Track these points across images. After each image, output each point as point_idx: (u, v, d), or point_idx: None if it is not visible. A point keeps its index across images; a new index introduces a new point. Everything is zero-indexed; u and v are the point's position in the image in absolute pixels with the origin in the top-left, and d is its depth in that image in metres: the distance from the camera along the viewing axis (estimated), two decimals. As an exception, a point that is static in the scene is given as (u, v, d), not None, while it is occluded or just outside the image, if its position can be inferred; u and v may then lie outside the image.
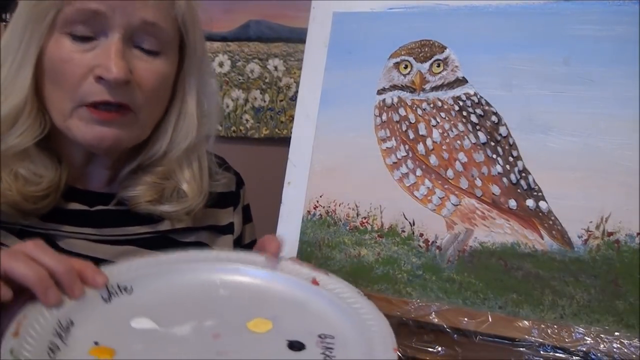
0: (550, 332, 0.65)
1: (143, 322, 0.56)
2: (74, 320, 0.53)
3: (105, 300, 0.56)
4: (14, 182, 0.69)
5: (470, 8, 0.77)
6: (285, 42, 1.63)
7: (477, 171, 0.73)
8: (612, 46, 0.69)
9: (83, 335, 0.52)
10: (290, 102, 1.63)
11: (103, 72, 0.67)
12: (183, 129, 0.78)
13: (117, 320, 0.55)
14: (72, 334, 0.52)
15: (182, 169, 0.78)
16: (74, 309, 0.53)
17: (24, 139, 0.69)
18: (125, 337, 0.53)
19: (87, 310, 0.54)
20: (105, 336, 0.52)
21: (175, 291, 0.60)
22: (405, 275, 0.74)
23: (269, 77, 1.65)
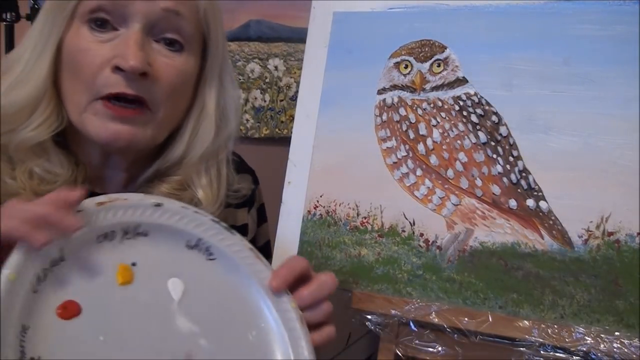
0: (551, 332, 0.65)
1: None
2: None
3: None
4: (28, 180, 0.68)
5: (470, 8, 0.77)
6: (286, 42, 1.63)
7: (477, 171, 0.73)
8: (612, 46, 0.69)
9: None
10: (291, 101, 1.63)
11: (120, 62, 0.66)
12: (202, 133, 0.76)
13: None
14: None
15: (199, 175, 0.76)
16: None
17: (41, 132, 0.68)
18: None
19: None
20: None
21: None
22: (406, 275, 0.74)
23: (269, 77, 1.66)
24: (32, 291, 0.52)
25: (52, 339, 0.52)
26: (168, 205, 0.63)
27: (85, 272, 0.57)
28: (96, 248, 0.58)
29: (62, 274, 0.55)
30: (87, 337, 0.54)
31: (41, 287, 0.53)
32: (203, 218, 0.64)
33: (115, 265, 0.59)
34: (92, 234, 0.58)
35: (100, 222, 0.59)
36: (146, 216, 0.61)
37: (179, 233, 0.62)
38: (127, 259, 0.60)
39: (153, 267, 0.61)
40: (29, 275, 0.53)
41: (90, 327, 0.54)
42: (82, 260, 0.57)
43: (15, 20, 1.58)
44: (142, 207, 0.61)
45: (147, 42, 0.68)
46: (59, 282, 0.55)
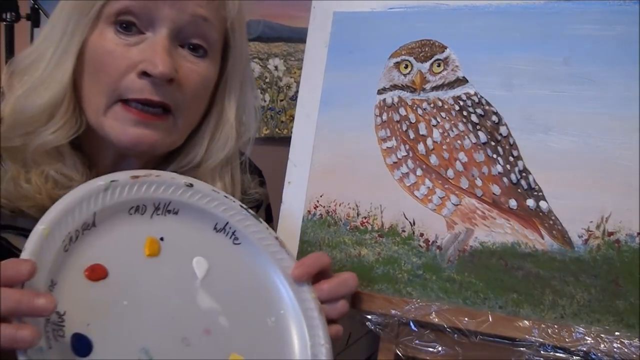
0: (551, 331, 0.65)
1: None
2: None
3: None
4: (44, 184, 0.67)
5: (470, 8, 0.77)
6: (286, 41, 1.63)
7: (477, 171, 0.73)
8: (612, 46, 0.69)
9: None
10: (291, 101, 1.64)
11: (148, 67, 0.65)
12: (221, 139, 0.76)
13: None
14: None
15: (214, 181, 0.76)
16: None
17: (59, 136, 0.67)
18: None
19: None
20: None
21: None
22: (406, 275, 0.74)
23: (269, 77, 1.66)
24: (63, 249, 0.56)
25: (77, 297, 0.55)
26: (199, 186, 0.65)
27: (114, 239, 0.60)
28: (127, 219, 0.62)
29: (93, 238, 0.58)
30: (111, 299, 0.57)
31: (72, 247, 0.56)
32: (232, 203, 0.67)
33: (143, 237, 0.62)
34: (125, 205, 0.61)
35: (133, 194, 0.62)
36: (177, 195, 0.64)
37: (207, 215, 0.65)
38: (155, 233, 0.62)
39: (180, 244, 0.63)
40: (62, 234, 0.56)
41: (114, 290, 0.57)
42: (113, 228, 0.60)
43: (15, 20, 1.58)
44: (175, 186, 0.64)
45: (173, 48, 0.67)
46: (89, 246, 0.58)
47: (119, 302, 0.57)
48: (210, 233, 0.65)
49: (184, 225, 0.64)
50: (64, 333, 0.52)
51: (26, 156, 0.68)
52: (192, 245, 0.64)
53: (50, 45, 0.68)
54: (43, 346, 0.49)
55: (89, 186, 0.60)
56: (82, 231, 0.58)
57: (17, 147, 0.67)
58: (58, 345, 0.51)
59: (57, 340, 0.51)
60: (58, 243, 0.55)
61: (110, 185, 0.61)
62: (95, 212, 0.59)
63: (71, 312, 0.53)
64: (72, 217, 0.57)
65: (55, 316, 0.52)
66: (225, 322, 0.61)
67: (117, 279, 0.58)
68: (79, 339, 0.53)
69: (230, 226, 0.66)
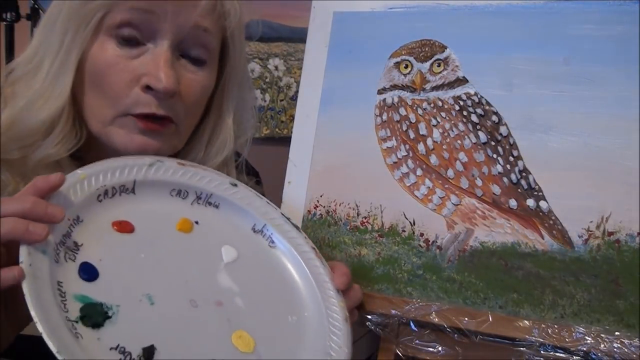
0: (551, 331, 0.65)
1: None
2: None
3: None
4: None
5: (470, 8, 0.77)
6: (286, 41, 1.63)
7: (477, 171, 0.73)
8: (612, 46, 0.69)
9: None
10: (291, 101, 1.64)
11: (152, 81, 0.64)
12: (218, 143, 0.76)
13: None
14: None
15: None
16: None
17: (60, 149, 0.67)
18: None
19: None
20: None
21: None
22: (406, 275, 0.74)
23: (269, 77, 1.66)
24: (96, 198, 0.59)
25: (98, 237, 0.58)
26: (242, 188, 0.68)
27: (149, 209, 0.63)
28: (167, 198, 0.65)
29: (129, 202, 0.62)
30: (129, 248, 0.59)
31: (106, 201, 0.60)
32: (273, 210, 0.69)
33: (179, 216, 0.64)
34: (167, 186, 0.65)
35: (177, 177, 0.65)
36: (221, 190, 0.67)
37: (247, 215, 0.67)
38: (191, 217, 0.65)
39: (214, 232, 0.65)
40: (97, 184, 0.60)
41: (135, 243, 0.59)
42: (151, 200, 0.63)
43: (15, 20, 1.58)
44: (219, 181, 0.67)
45: (174, 59, 0.67)
46: (123, 205, 0.61)
47: (136, 253, 0.59)
48: (248, 232, 0.67)
49: (222, 219, 0.66)
50: (74, 259, 0.55)
51: (25, 168, 0.67)
52: (226, 236, 0.65)
53: (47, 55, 0.67)
54: (49, 253, 0.52)
55: (134, 158, 0.64)
56: (120, 192, 0.62)
57: (16, 159, 0.67)
58: (65, 265, 0.54)
59: (66, 261, 0.54)
60: (92, 190, 0.59)
61: (155, 163, 0.65)
62: (136, 181, 0.63)
63: (88, 245, 0.56)
64: (112, 175, 0.61)
65: (71, 243, 0.56)
66: (240, 303, 0.61)
67: (141, 237, 0.60)
68: (88, 266, 0.55)
69: (269, 229, 0.67)
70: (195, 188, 0.66)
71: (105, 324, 0.52)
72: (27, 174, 0.67)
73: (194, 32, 0.67)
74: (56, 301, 0.50)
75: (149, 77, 0.65)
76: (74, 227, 0.57)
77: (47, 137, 0.66)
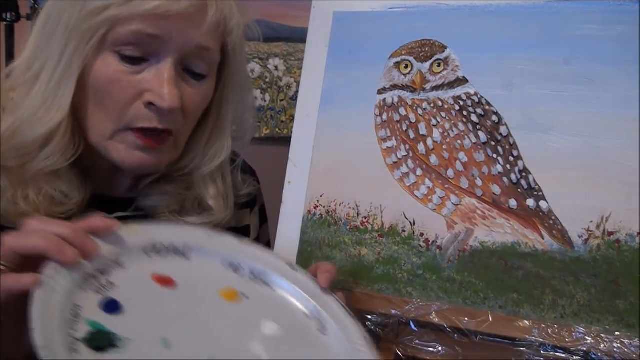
0: (551, 331, 0.65)
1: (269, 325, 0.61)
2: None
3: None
4: (42, 202, 0.66)
5: (470, 7, 0.77)
6: (286, 41, 1.63)
7: (477, 171, 0.73)
8: (612, 46, 0.69)
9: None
10: (291, 101, 1.63)
11: (156, 99, 0.64)
12: (216, 146, 0.76)
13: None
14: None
15: (207, 186, 0.76)
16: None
17: (57, 160, 0.66)
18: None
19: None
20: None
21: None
22: (406, 275, 0.74)
23: (269, 77, 1.66)
24: (143, 250, 0.60)
25: (135, 283, 0.57)
26: (300, 272, 0.67)
27: (198, 272, 0.62)
28: (218, 267, 0.64)
29: (176, 262, 0.62)
30: (162, 298, 0.58)
31: (154, 256, 0.60)
32: (330, 300, 0.66)
33: (225, 284, 0.62)
34: (220, 257, 0.64)
35: (232, 253, 0.65)
36: (278, 272, 0.66)
37: (303, 300, 0.65)
38: (241, 289, 0.63)
39: (262, 308, 0.62)
40: (147, 239, 0.61)
41: (170, 295, 0.58)
42: (200, 265, 0.63)
43: (15, 20, 1.58)
44: (277, 263, 0.67)
45: (177, 74, 0.67)
46: (169, 263, 0.61)
47: (168, 303, 0.58)
48: (299, 316, 0.64)
49: (275, 300, 0.64)
50: (102, 292, 0.54)
51: (23, 176, 0.67)
52: (274, 315, 0.62)
53: (46, 65, 0.66)
54: (76, 279, 0.52)
55: (194, 227, 0.66)
56: (170, 252, 0.62)
57: (14, 167, 0.67)
58: (90, 294, 0.53)
59: (93, 291, 0.54)
60: (142, 242, 0.60)
61: (214, 236, 0.66)
62: (188, 244, 0.63)
63: (121, 286, 0.56)
64: (164, 233, 0.62)
65: (105, 280, 0.55)
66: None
67: (180, 293, 0.59)
68: (113, 302, 0.54)
69: (322, 315, 0.64)
70: (251, 266, 0.65)
71: (108, 351, 0.50)
72: (26, 181, 0.67)
73: (196, 51, 0.67)
74: (63, 317, 0.49)
75: (153, 95, 0.65)
76: (112, 269, 0.57)
77: (45, 147, 0.66)
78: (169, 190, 0.75)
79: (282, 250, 0.81)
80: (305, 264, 0.78)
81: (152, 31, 0.64)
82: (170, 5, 0.63)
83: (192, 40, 0.66)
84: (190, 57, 0.68)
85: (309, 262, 0.78)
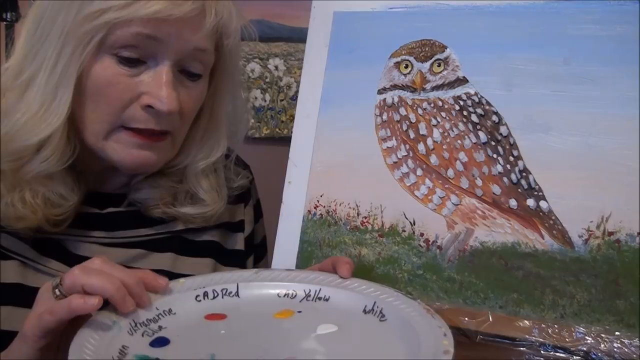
0: (551, 331, 0.65)
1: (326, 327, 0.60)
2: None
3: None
4: (38, 204, 0.66)
5: (471, 7, 0.77)
6: (286, 41, 1.63)
7: (477, 171, 0.73)
8: (612, 46, 0.69)
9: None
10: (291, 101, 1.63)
11: (154, 102, 0.65)
12: (211, 143, 0.76)
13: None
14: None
15: (199, 180, 0.77)
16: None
17: (54, 164, 0.66)
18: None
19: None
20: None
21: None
22: (406, 274, 0.74)
23: (269, 77, 1.65)
24: (194, 298, 0.62)
25: (186, 325, 0.58)
26: (353, 280, 0.66)
27: (250, 306, 0.63)
28: (274, 299, 0.64)
29: (229, 302, 0.63)
30: (211, 327, 0.59)
31: (205, 301, 0.62)
32: (387, 290, 0.64)
33: (281, 308, 0.63)
34: (273, 289, 0.65)
35: (280, 278, 0.66)
36: (331, 284, 0.66)
37: (359, 299, 0.64)
38: (296, 309, 0.63)
39: (316, 316, 0.62)
40: (197, 287, 0.63)
41: (220, 325, 0.59)
42: (254, 301, 0.64)
43: (15, 20, 1.58)
44: (328, 277, 0.66)
45: (174, 77, 0.67)
46: (222, 304, 0.62)
47: (217, 329, 0.58)
48: (358, 314, 0.63)
49: (331, 308, 0.64)
50: (152, 335, 0.56)
51: (19, 179, 0.67)
52: (330, 319, 0.61)
53: (41, 68, 0.65)
54: (124, 326, 0.54)
55: (236, 270, 0.68)
56: (222, 295, 0.63)
57: (7, 171, 0.66)
58: (138, 337, 0.55)
59: (142, 336, 0.55)
60: (190, 290, 0.62)
61: (260, 271, 0.67)
62: (239, 284, 0.64)
63: (171, 328, 0.58)
64: (212, 280, 0.64)
65: (156, 327, 0.57)
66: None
67: (231, 320, 0.60)
68: (161, 338, 0.56)
69: (379, 305, 0.63)
70: (303, 287, 0.66)
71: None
72: (21, 184, 0.66)
73: (193, 52, 0.68)
74: (110, 353, 0.51)
75: (151, 98, 0.65)
76: (163, 317, 0.59)
77: (40, 152, 0.65)
78: (161, 183, 0.75)
79: (282, 250, 0.81)
80: (305, 264, 0.78)
81: (151, 33, 0.63)
82: (171, 9, 0.63)
83: (190, 43, 0.66)
84: (186, 58, 0.68)
85: (309, 262, 0.78)
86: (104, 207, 0.74)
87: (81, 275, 0.53)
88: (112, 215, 0.74)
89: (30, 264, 0.67)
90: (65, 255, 0.69)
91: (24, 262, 0.67)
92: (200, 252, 0.77)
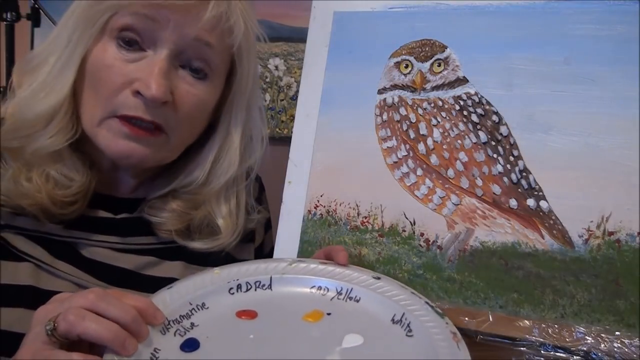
0: (551, 331, 0.65)
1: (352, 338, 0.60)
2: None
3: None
4: (44, 184, 0.67)
5: (471, 7, 0.77)
6: (286, 41, 1.63)
7: (477, 170, 0.73)
8: (612, 46, 0.69)
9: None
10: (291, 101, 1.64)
11: (142, 88, 0.65)
12: (225, 162, 0.76)
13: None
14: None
15: (219, 204, 0.76)
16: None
17: (56, 140, 0.67)
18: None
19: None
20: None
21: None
22: (406, 274, 0.74)
23: (269, 77, 1.66)
24: (227, 290, 0.63)
25: (217, 322, 0.60)
26: (386, 280, 0.67)
27: (282, 301, 0.64)
28: (305, 293, 0.66)
29: (262, 295, 0.64)
30: (240, 330, 0.59)
31: (238, 294, 0.64)
32: (417, 301, 0.64)
33: (312, 308, 0.63)
34: (306, 282, 0.66)
35: (316, 273, 0.67)
36: (363, 284, 0.66)
37: (389, 307, 0.64)
38: (326, 309, 0.63)
39: (344, 322, 0.62)
40: (229, 277, 0.64)
41: (250, 326, 0.60)
42: (286, 294, 0.65)
43: (15, 20, 1.58)
44: (362, 276, 0.67)
45: (172, 69, 0.67)
46: (254, 298, 0.64)
47: (246, 334, 0.59)
48: (386, 323, 0.63)
49: (360, 312, 0.64)
50: (183, 334, 0.57)
51: (27, 157, 0.68)
52: (357, 326, 0.61)
53: (54, 50, 0.68)
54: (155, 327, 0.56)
55: (271, 260, 0.69)
56: (255, 287, 0.64)
57: (17, 148, 0.68)
58: (170, 337, 0.57)
59: (174, 335, 0.57)
60: (224, 282, 0.64)
61: (295, 262, 0.68)
62: (272, 277, 0.65)
63: (203, 326, 0.59)
64: (247, 271, 0.65)
65: (188, 324, 0.59)
66: None
67: (261, 322, 0.61)
68: (192, 341, 0.57)
69: (408, 318, 0.62)
70: (336, 284, 0.66)
71: None
72: (30, 163, 0.68)
73: (195, 45, 0.67)
74: (142, 353, 0.53)
75: (140, 84, 0.65)
76: (196, 312, 0.60)
77: (44, 128, 0.67)
78: (174, 207, 0.75)
79: (283, 250, 0.81)
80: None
81: (149, 13, 0.65)
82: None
83: (189, 32, 0.66)
84: (189, 51, 0.68)
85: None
86: (118, 212, 0.74)
87: (76, 321, 0.51)
88: (126, 221, 0.74)
89: (43, 267, 0.67)
90: (78, 259, 0.69)
91: (38, 264, 0.67)
92: (210, 261, 0.76)
